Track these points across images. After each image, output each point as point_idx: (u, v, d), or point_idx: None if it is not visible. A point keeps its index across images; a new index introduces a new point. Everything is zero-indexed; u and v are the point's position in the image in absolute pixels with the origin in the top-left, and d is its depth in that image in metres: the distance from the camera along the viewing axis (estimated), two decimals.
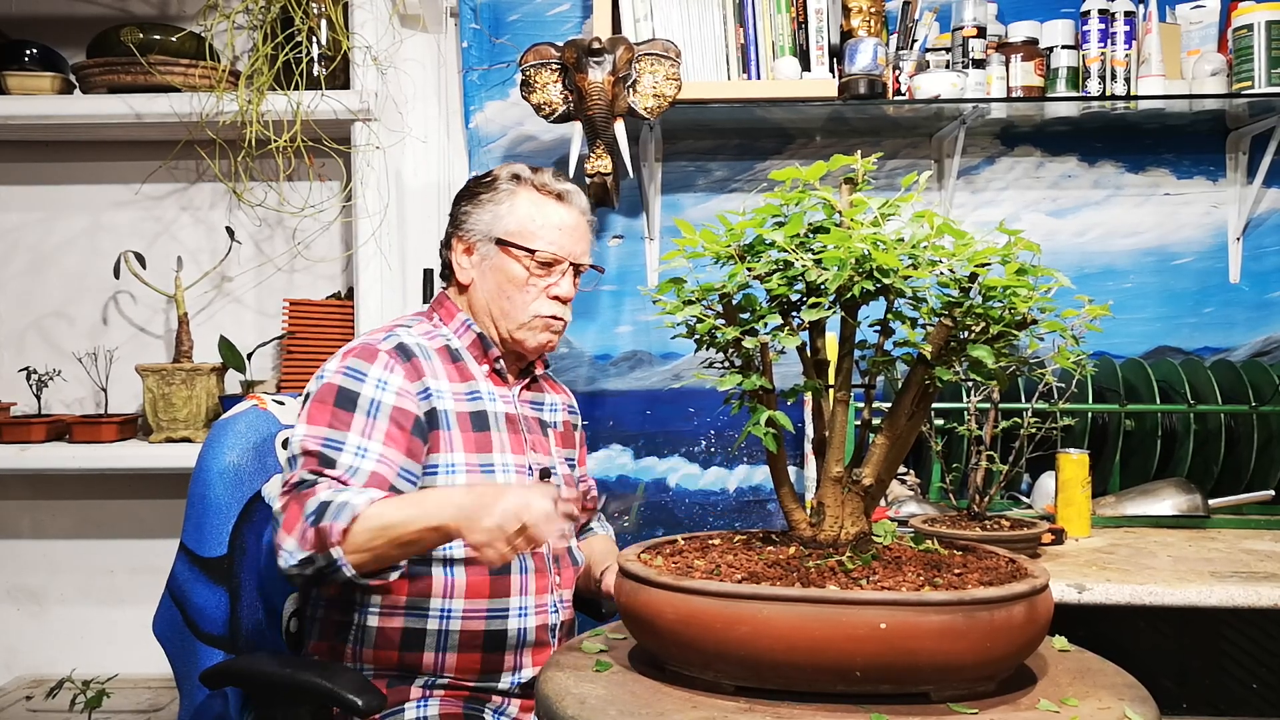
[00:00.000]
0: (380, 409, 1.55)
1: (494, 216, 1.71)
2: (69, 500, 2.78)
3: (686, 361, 2.61)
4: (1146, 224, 2.60)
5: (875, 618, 1.08)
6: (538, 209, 1.71)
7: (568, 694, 1.19)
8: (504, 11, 2.65)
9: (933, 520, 1.94)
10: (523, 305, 1.69)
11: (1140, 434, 2.35)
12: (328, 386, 1.56)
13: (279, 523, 1.45)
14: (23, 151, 2.75)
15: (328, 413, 1.53)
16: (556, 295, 1.71)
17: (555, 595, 1.67)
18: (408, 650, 1.57)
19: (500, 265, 1.70)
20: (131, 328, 2.77)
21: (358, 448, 1.51)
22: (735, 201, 2.63)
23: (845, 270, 1.16)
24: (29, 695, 2.61)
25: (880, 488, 1.28)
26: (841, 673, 1.11)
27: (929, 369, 1.22)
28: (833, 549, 1.25)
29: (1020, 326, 1.19)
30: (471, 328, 1.72)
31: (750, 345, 1.24)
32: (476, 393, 1.67)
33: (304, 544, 1.42)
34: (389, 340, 1.62)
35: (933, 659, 1.09)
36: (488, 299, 1.72)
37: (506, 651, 1.60)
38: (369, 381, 1.56)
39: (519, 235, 1.70)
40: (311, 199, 2.61)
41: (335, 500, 1.42)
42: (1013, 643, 1.13)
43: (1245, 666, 2.20)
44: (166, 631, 1.64)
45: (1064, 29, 2.38)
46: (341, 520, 1.40)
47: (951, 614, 1.09)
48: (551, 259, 1.70)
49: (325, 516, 1.41)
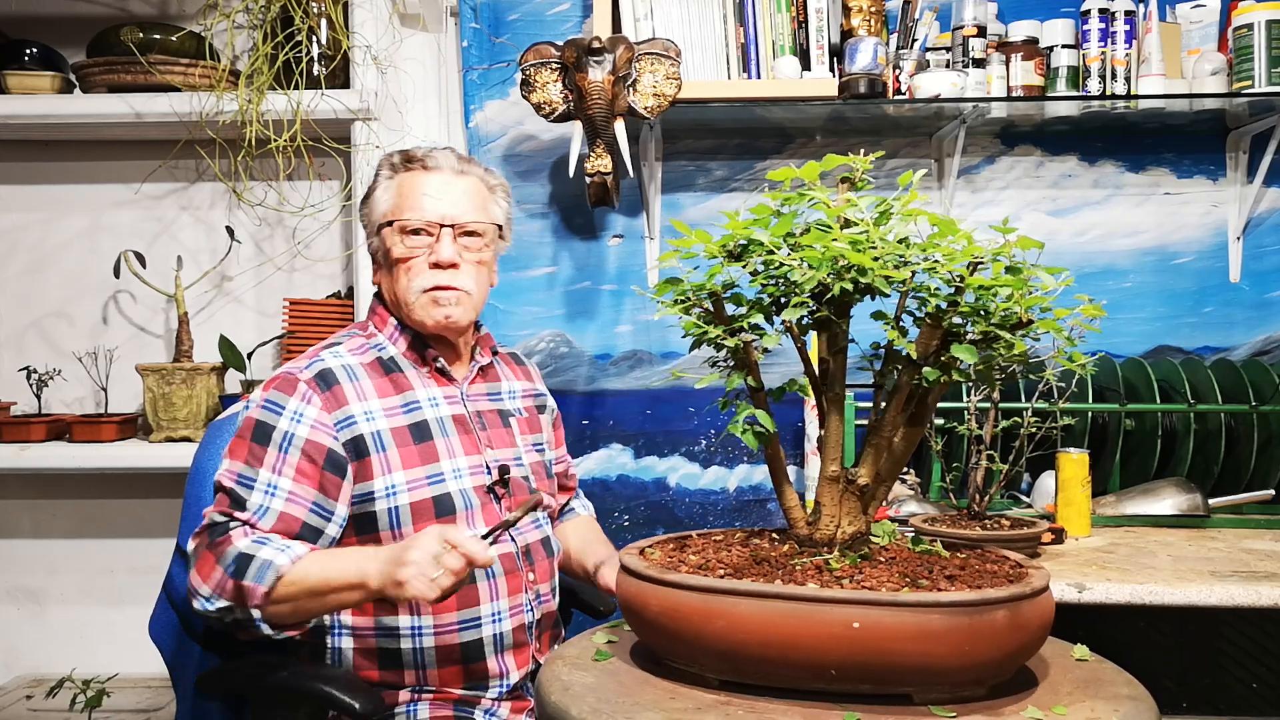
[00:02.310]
0: (293, 443, 1.52)
1: (372, 209, 1.68)
2: (69, 500, 2.78)
3: (686, 361, 2.61)
4: (1146, 223, 2.60)
5: (848, 616, 1.08)
6: (407, 184, 1.66)
7: (556, 680, 1.22)
8: (504, 11, 2.65)
9: (933, 520, 1.94)
10: (407, 284, 1.63)
11: (1140, 433, 2.34)
12: (247, 421, 1.56)
13: (191, 563, 1.47)
14: (23, 151, 2.75)
15: (244, 448, 1.53)
16: (436, 262, 1.62)
17: (530, 593, 1.63)
18: (386, 670, 1.56)
19: (385, 250, 1.66)
20: (131, 327, 2.77)
21: (268, 485, 1.50)
22: (735, 201, 2.63)
23: (821, 270, 1.16)
24: (29, 695, 2.61)
25: (880, 487, 1.28)
26: (816, 670, 1.11)
27: (917, 370, 1.22)
28: (826, 548, 1.25)
29: (1017, 327, 1.18)
30: (405, 331, 1.67)
31: (730, 344, 1.25)
32: (414, 403, 1.62)
33: (221, 593, 1.44)
34: (311, 368, 1.58)
35: (910, 660, 1.08)
36: (390, 293, 1.67)
37: (486, 659, 1.58)
38: (285, 415, 1.54)
39: (390, 214, 1.65)
40: (311, 199, 2.61)
41: (257, 556, 1.43)
42: (996, 647, 1.11)
43: (1245, 666, 2.20)
44: (163, 634, 1.63)
45: (1064, 28, 2.38)
46: (264, 584, 1.41)
47: (926, 616, 1.08)
48: (419, 227, 1.62)
49: (247, 575, 1.42)
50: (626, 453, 2.65)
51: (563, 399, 2.62)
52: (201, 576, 1.45)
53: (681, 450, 2.65)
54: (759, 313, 1.24)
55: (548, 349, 2.66)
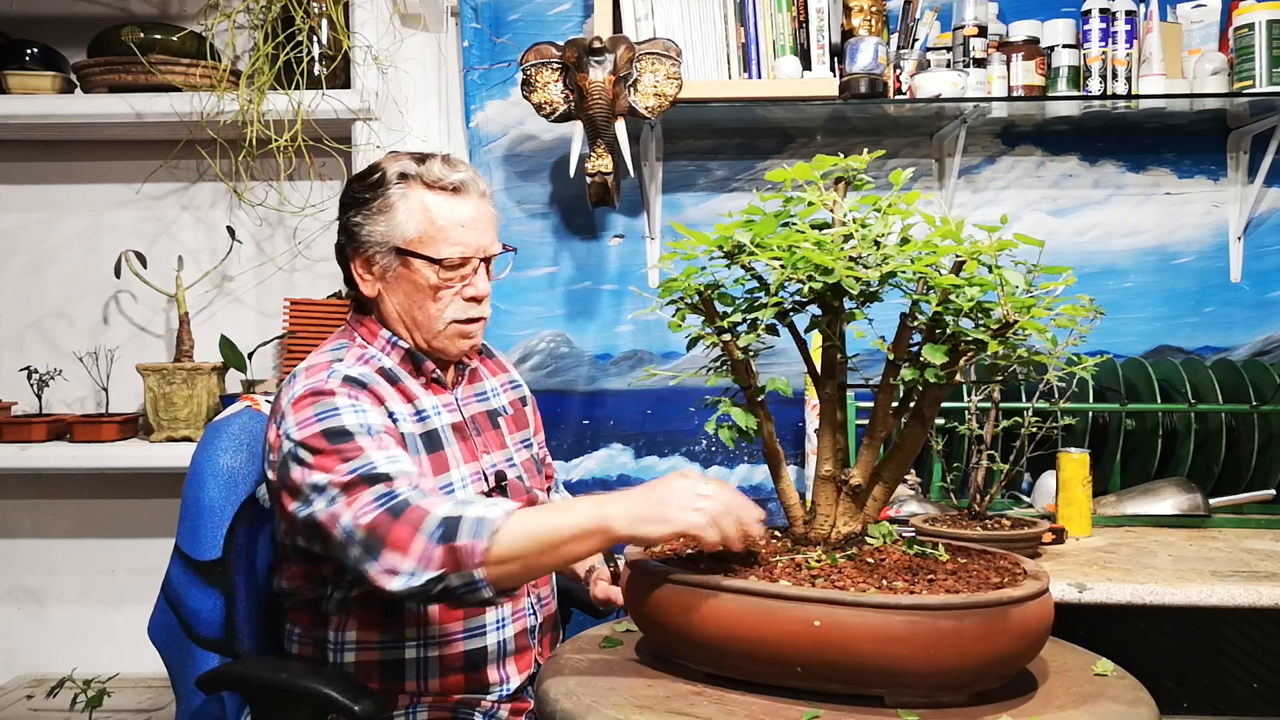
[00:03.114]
0: (373, 429, 1.43)
1: (389, 226, 1.55)
2: (69, 500, 2.78)
3: (687, 361, 2.61)
4: (1147, 223, 2.60)
5: (810, 615, 1.09)
6: (435, 209, 1.55)
7: (556, 660, 1.29)
8: (505, 11, 2.65)
9: (933, 520, 1.94)
10: (437, 315, 1.56)
11: (1141, 433, 2.34)
12: (312, 439, 1.42)
13: (382, 544, 1.33)
14: (23, 151, 2.75)
15: (334, 453, 1.40)
16: (472, 296, 1.57)
17: (532, 597, 1.63)
18: (388, 680, 1.54)
19: (406, 276, 1.56)
20: (132, 327, 2.77)
21: (388, 458, 1.39)
22: (736, 201, 2.63)
23: (800, 270, 1.17)
24: (29, 694, 2.61)
25: (880, 488, 1.28)
26: (783, 666, 1.13)
27: (896, 370, 1.22)
28: (818, 547, 1.26)
29: (1005, 328, 1.17)
30: (398, 344, 1.60)
31: (709, 342, 1.27)
32: (423, 412, 1.57)
33: (428, 564, 1.30)
34: (334, 377, 1.49)
35: (874, 662, 1.08)
36: (399, 311, 1.59)
37: (489, 666, 1.56)
38: (345, 411, 1.44)
39: (420, 243, 1.54)
40: (312, 198, 2.61)
41: (465, 516, 1.31)
42: (965, 654, 1.09)
43: (1245, 666, 2.20)
44: (162, 635, 1.63)
45: (1065, 28, 2.38)
46: (482, 539, 1.29)
47: (889, 617, 1.07)
48: (460, 260, 1.55)
49: (459, 535, 1.29)
50: (627, 452, 2.65)
51: (563, 399, 2.62)
52: (401, 552, 1.31)
53: (682, 450, 2.65)
54: (739, 312, 1.27)
55: (548, 349, 2.66)
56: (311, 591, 1.54)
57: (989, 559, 1.30)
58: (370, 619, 1.52)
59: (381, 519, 1.34)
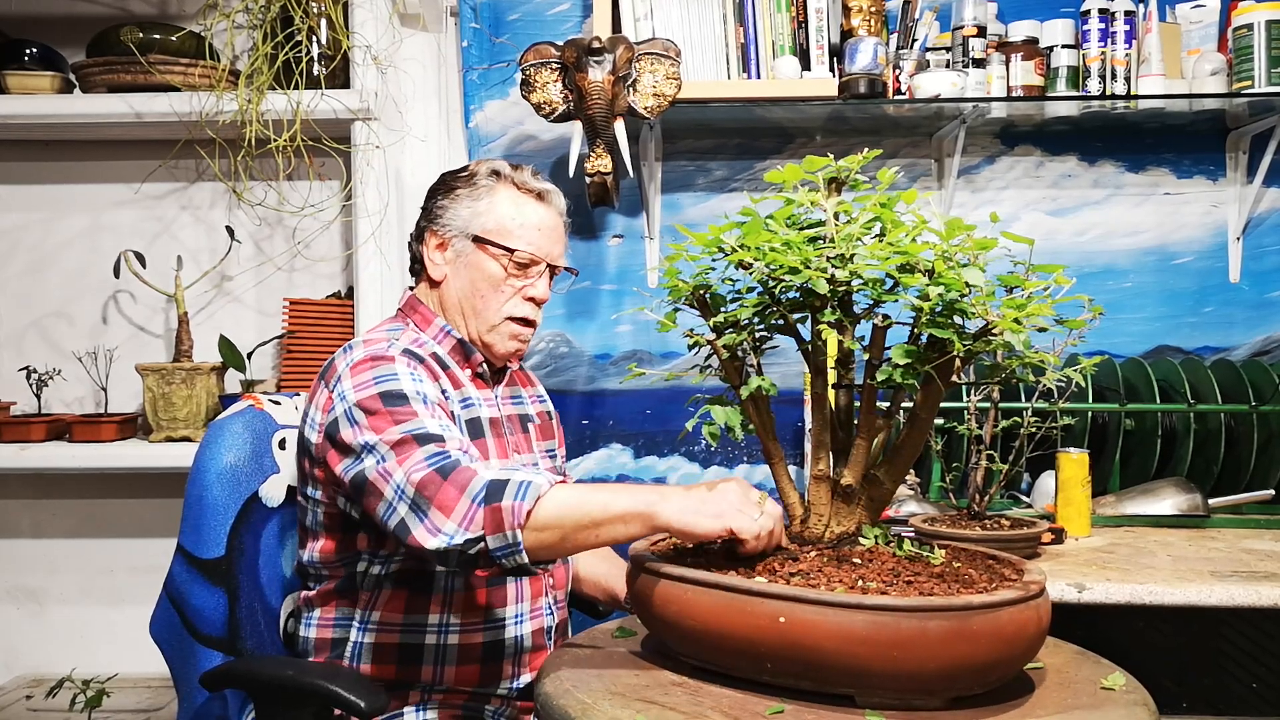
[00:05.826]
0: (428, 400, 1.48)
1: (472, 213, 1.66)
2: (69, 500, 2.78)
3: (686, 360, 2.61)
4: (1146, 223, 2.60)
5: (775, 611, 1.11)
6: (517, 208, 1.67)
7: (560, 650, 1.35)
8: (504, 11, 2.65)
9: (933, 520, 1.94)
10: (496, 306, 1.65)
11: (1140, 433, 2.34)
12: (368, 400, 1.46)
13: (429, 503, 1.35)
14: (23, 151, 2.75)
15: (388, 414, 1.44)
16: (532, 297, 1.66)
17: (549, 597, 1.66)
18: (404, 665, 1.56)
19: (476, 263, 1.65)
20: (131, 327, 2.77)
21: (440, 426, 1.44)
22: (735, 201, 2.63)
23: (759, 270, 1.19)
24: (29, 694, 2.61)
25: (876, 488, 1.28)
26: (753, 661, 1.14)
27: (873, 371, 1.23)
28: (811, 547, 1.27)
29: (985, 332, 1.16)
30: (451, 333, 1.67)
31: (693, 341, 1.29)
32: (469, 399, 1.64)
33: (468, 525, 1.32)
34: (394, 347, 1.55)
35: (839, 661, 1.08)
36: (460, 297, 1.66)
37: (504, 660, 1.59)
38: (403, 377, 1.49)
39: (497, 233, 1.65)
40: (311, 198, 2.61)
41: (511, 480, 1.33)
42: (929, 657, 1.06)
43: (1245, 666, 2.20)
44: (164, 633, 1.63)
45: (1064, 28, 2.38)
46: (526, 501, 1.30)
47: (850, 617, 1.07)
48: (529, 259, 1.65)
49: (504, 496, 1.31)
50: (626, 452, 2.65)
51: (563, 399, 2.62)
52: (444, 512, 1.34)
53: (681, 450, 2.65)
54: (723, 313, 1.28)
55: (548, 349, 2.66)
56: (344, 566, 1.57)
57: (987, 563, 1.29)
58: (398, 600, 1.55)
59: (431, 477, 1.36)
